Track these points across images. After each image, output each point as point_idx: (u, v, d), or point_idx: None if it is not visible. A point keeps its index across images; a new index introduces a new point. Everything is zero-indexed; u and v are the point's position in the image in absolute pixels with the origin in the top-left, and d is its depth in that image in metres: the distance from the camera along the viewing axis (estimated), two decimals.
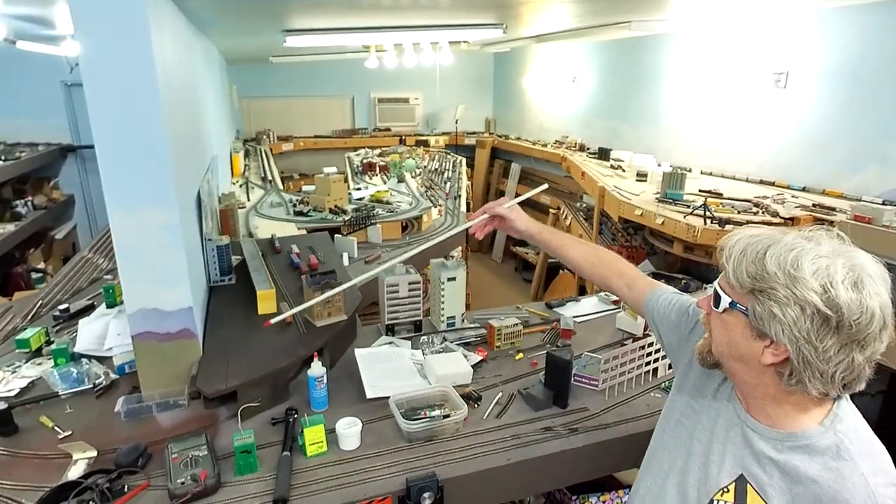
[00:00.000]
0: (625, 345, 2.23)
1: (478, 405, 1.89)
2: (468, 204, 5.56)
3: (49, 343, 2.32)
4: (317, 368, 1.83)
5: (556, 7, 3.77)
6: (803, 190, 4.56)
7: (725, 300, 1.00)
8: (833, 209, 3.89)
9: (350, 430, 1.66)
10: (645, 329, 2.33)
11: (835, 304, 0.87)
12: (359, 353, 2.05)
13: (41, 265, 6.65)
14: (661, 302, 1.35)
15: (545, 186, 1.79)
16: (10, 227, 5.87)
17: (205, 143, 3.33)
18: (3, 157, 6.34)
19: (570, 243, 1.58)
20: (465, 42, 5.77)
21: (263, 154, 7.42)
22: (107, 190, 1.72)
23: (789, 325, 0.90)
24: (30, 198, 6.69)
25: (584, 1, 3.52)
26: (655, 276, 4.56)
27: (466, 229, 1.66)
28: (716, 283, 1.05)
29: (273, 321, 1.74)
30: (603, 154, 6.46)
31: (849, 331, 0.88)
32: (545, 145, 8.01)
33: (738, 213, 4.05)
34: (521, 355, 2.23)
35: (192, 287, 1.93)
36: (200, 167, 2.79)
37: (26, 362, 2.17)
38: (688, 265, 4.51)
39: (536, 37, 5.96)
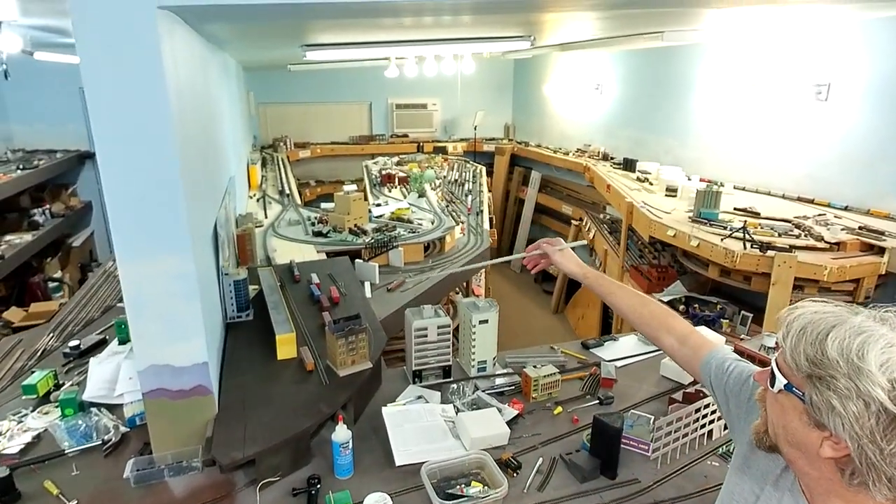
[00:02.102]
0: (674, 399, 2.07)
1: (517, 473, 1.72)
2: (491, 220, 5.39)
3: (58, 386, 2.20)
4: (341, 433, 1.68)
5: (587, 21, 3.59)
6: (845, 209, 4.32)
7: (781, 381, 0.88)
8: (882, 233, 3.66)
9: None
10: (694, 381, 2.15)
11: None
12: (387, 412, 1.89)
13: (58, 274, 6.61)
14: (717, 366, 1.21)
15: (584, 243, 1.69)
16: (28, 237, 5.82)
17: (222, 167, 3.19)
18: (21, 166, 6.30)
19: (617, 291, 1.50)
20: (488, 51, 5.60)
21: (280, 163, 7.31)
22: (115, 239, 1.58)
23: (850, 420, 0.78)
24: (47, 206, 6.65)
25: (616, 17, 3.33)
26: (688, 298, 4.41)
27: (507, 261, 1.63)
28: (773, 358, 0.91)
29: None
30: (628, 165, 6.25)
31: None
32: (567, 154, 7.81)
33: (779, 235, 3.83)
34: (559, 409, 2.06)
35: (207, 338, 1.79)
36: (217, 196, 2.65)
37: (33, 410, 2.05)
38: (719, 286, 4.30)
39: (561, 45, 5.77)
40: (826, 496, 0.90)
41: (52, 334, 2.73)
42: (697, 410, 1.83)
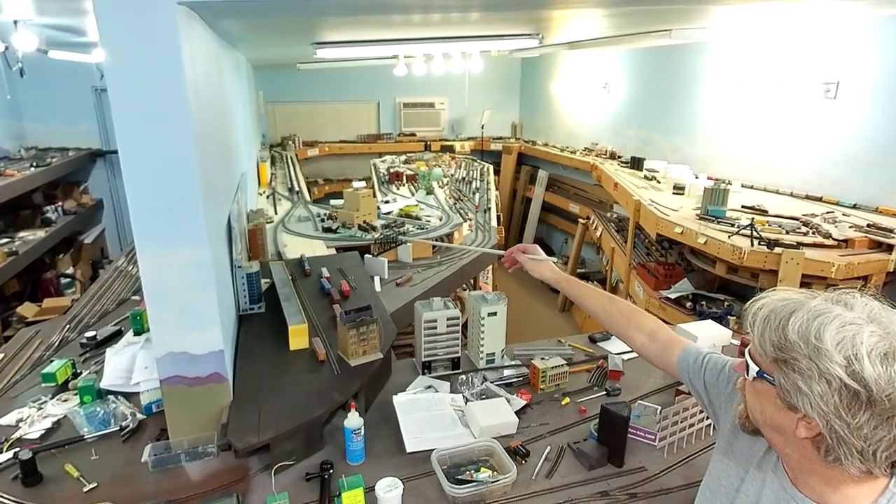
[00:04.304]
0: (681, 391, 2.09)
1: (525, 461, 1.75)
2: (498, 217, 5.42)
3: (76, 375, 2.25)
4: (353, 420, 1.72)
5: (595, 19, 3.61)
6: (854, 207, 4.32)
7: (753, 369, 0.93)
8: (891, 231, 3.66)
9: (391, 494, 1.53)
10: None
11: (861, 379, 0.78)
12: (397, 400, 1.93)
13: (70, 270, 6.69)
14: (693, 361, 1.28)
15: (554, 259, 1.76)
16: (41, 234, 5.91)
17: (234, 163, 3.24)
18: (34, 164, 6.39)
19: (588, 292, 1.57)
20: (496, 50, 5.63)
21: (290, 161, 7.38)
22: (136, 230, 1.63)
23: (816, 399, 0.82)
24: (60, 203, 6.73)
25: (624, 15, 3.35)
26: (695, 295, 4.42)
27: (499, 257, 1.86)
28: (748, 348, 0.96)
29: None
30: (636, 164, 6.26)
31: (883, 406, 0.78)
32: (574, 152, 7.83)
33: (787, 232, 3.84)
34: (567, 400, 2.09)
35: (223, 326, 1.83)
36: (230, 190, 2.70)
37: (52, 398, 2.10)
38: (727, 283, 4.31)
39: (569, 43, 5.78)
40: (807, 475, 0.94)
41: (68, 325, 2.78)
42: None
